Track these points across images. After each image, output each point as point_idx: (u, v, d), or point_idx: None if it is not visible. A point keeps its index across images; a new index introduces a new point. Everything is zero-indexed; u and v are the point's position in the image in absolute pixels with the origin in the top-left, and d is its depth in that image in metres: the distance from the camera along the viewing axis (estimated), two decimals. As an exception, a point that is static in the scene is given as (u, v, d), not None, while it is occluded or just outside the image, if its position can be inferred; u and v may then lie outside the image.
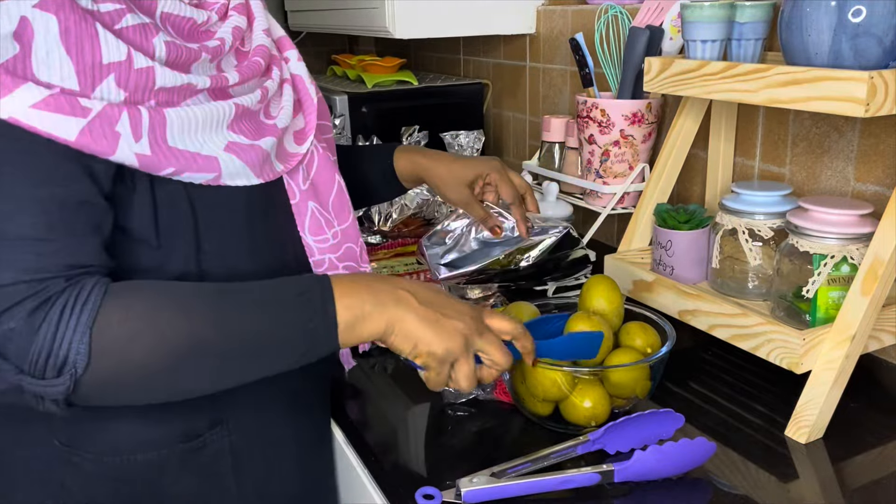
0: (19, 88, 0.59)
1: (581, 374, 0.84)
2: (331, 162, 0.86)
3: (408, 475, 0.81)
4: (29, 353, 0.59)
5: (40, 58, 0.60)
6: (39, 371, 0.59)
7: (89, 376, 0.60)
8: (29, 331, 0.59)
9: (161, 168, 0.66)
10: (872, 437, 0.85)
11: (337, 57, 2.04)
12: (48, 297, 0.60)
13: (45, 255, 0.60)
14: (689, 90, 0.97)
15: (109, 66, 0.62)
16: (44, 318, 0.59)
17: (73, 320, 0.59)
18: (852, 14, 0.79)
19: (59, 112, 0.60)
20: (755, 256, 1.01)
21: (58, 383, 0.60)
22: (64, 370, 0.59)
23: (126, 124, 0.63)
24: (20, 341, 0.59)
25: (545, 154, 1.47)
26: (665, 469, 0.77)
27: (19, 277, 0.59)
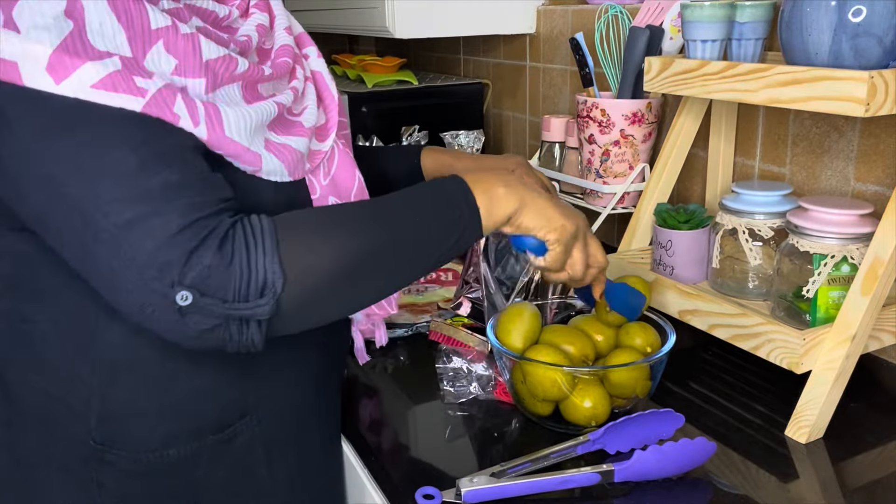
0: (78, 69, 0.60)
1: (581, 374, 0.84)
2: (350, 158, 0.87)
3: (408, 475, 0.81)
4: (229, 283, 0.62)
5: (94, 29, 0.61)
6: (243, 296, 0.62)
7: (288, 294, 0.63)
8: (224, 264, 0.61)
9: (216, 148, 0.67)
10: (872, 437, 0.85)
11: (337, 57, 2.04)
12: (225, 231, 0.63)
13: (197, 195, 0.62)
14: (689, 90, 0.97)
15: (157, 32, 0.64)
16: (232, 251, 0.62)
17: (259, 248, 0.63)
18: (852, 14, 0.79)
19: (117, 91, 0.61)
20: (755, 256, 1.01)
21: (262, 303, 0.62)
22: (265, 291, 0.62)
23: (183, 108, 0.64)
24: (218, 275, 0.61)
25: (545, 154, 1.47)
26: (665, 469, 0.77)
27: (185, 220, 0.61)
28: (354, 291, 0.70)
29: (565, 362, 0.86)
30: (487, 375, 0.97)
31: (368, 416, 0.94)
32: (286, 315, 0.65)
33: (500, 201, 0.75)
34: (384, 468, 0.84)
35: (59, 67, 0.59)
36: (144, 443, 0.75)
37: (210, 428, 0.77)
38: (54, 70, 0.59)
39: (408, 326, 1.13)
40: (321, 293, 0.66)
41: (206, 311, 0.62)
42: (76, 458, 0.75)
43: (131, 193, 0.60)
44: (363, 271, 0.68)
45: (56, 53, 0.59)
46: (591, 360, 0.90)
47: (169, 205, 0.61)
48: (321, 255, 0.65)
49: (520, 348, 0.88)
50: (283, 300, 0.63)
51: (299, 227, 0.66)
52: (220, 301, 0.62)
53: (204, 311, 0.62)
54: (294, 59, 0.81)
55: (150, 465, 0.75)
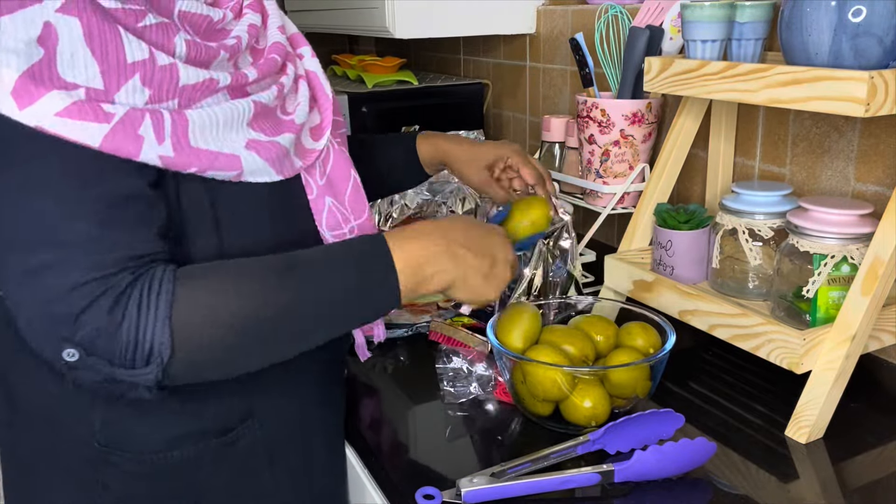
0: (43, 97, 0.59)
1: (581, 374, 0.84)
2: (346, 157, 0.87)
3: (408, 475, 0.81)
4: (116, 348, 0.61)
5: (65, 60, 0.60)
6: (129, 363, 0.62)
7: (176, 362, 0.63)
8: (112, 328, 0.61)
9: (186, 167, 0.67)
10: (872, 437, 0.85)
11: (337, 57, 2.04)
12: (121, 290, 0.62)
13: (105, 252, 0.62)
14: (689, 90, 0.97)
15: (134, 66, 0.63)
16: (123, 315, 0.61)
17: (150, 313, 0.62)
18: (852, 14, 0.79)
19: (83, 119, 0.60)
20: (755, 256, 1.01)
21: (147, 371, 0.62)
22: (151, 359, 0.62)
23: (149, 128, 0.63)
24: (105, 338, 0.61)
25: (545, 154, 1.47)
26: (665, 469, 0.77)
27: (88, 276, 0.61)
28: (247, 360, 0.69)
29: (565, 362, 0.86)
30: (487, 375, 0.97)
31: (368, 416, 0.94)
32: (176, 378, 0.65)
33: (427, 283, 0.75)
34: (384, 468, 0.84)
35: (24, 94, 0.59)
36: (148, 445, 0.75)
37: (213, 431, 0.77)
38: (19, 96, 0.59)
39: (408, 326, 1.13)
40: (213, 357, 0.66)
41: (93, 369, 0.62)
42: (80, 460, 0.75)
43: (43, 241, 0.61)
44: (259, 340, 0.67)
45: (21, 79, 0.59)
46: (591, 360, 0.90)
47: (73, 260, 0.61)
48: (216, 325, 0.64)
49: (520, 348, 0.88)
50: (169, 368, 0.63)
51: (199, 289, 0.65)
52: (106, 363, 0.62)
53: (91, 369, 0.62)
54: (286, 57, 0.81)
55: (153, 467, 0.75)
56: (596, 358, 0.91)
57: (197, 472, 0.77)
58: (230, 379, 0.75)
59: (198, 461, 0.77)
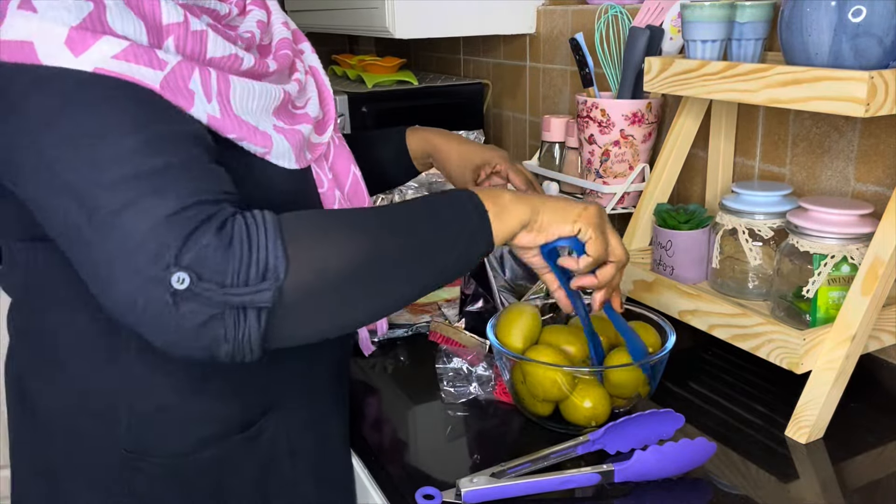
0: (98, 41, 0.59)
1: (581, 374, 0.84)
2: (347, 152, 0.88)
3: (408, 475, 0.81)
4: (229, 265, 0.58)
5: (114, 14, 0.60)
6: (243, 279, 0.58)
7: (290, 283, 0.59)
8: (223, 245, 0.58)
9: (227, 131, 0.66)
10: (872, 437, 0.85)
11: (337, 57, 2.04)
12: (225, 217, 0.59)
13: (199, 179, 0.60)
14: (689, 90, 0.97)
15: (169, 28, 0.63)
16: (233, 233, 0.59)
17: (261, 232, 0.59)
18: (852, 14, 0.79)
19: (139, 62, 0.60)
20: (755, 256, 1.01)
21: (263, 288, 0.58)
22: (267, 275, 0.58)
23: (198, 83, 0.63)
24: (217, 257, 0.58)
25: (545, 154, 1.47)
26: (665, 469, 0.77)
27: (183, 202, 0.58)
28: (360, 293, 0.64)
29: (565, 362, 0.86)
30: (487, 375, 0.97)
31: (368, 416, 0.94)
32: (288, 310, 0.60)
33: (510, 209, 0.72)
34: (384, 468, 0.84)
35: (79, 41, 0.58)
36: (175, 448, 0.75)
37: (237, 427, 0.77)
38: (74, 44, 0.58)
39: (408, 326, 1.13)
40: (326, 289, 0.61)
41: (203, 298, 0.57)
42: (105, 467, 0.75)
43: (129, 174, 0.58)
44: (370, 273, 0.64)
45: (75, 29, 0.59)
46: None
47: (167, 187, 0.58)
48: (327, 249, 0.61)
49: (520, 348, 0.88)
50: (285, 289, 0.59)
51: (304, 222, 0.63)
52: (217, 286, 0.57)
53: (200, 299, 0.57)
54: (293, 53, 0.82)
55: (181, 469, 0.76)
56: (596, 358, 0.91)
57: (223, 470, 0.77)
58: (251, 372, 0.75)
59: (223, 459, 0.77)
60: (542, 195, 0.76)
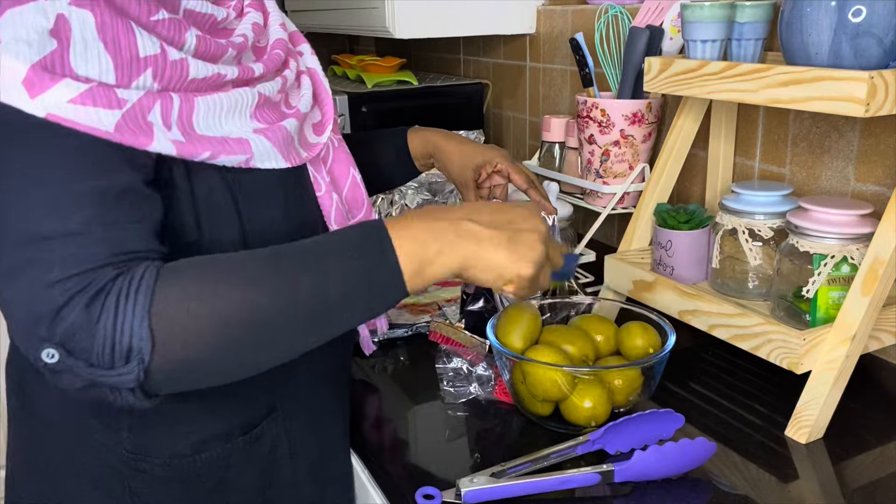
0: (56, 84, 0.58)
1: (581, 374, 0.84)
2: (346, 154, 0.87)
3: (408, 475, 0.81)
4: (93, 345, 0.57)
5: (78, 52, 0.60)
6: (108, 362, 0.58)
7: (157, 361, 0.58)
8: (89, 323, 0.57)
9: (197, 153, 0.66)
10: (872, 437, 0.85)
11: (337, 57, 2.04)
12: (101, 286, 0.58)
13: (89, 247, 0.59)
14: (689, 90, 0.97)
15: (146, 60, 0.63)
16: (101, 309, 0.58)
17: (129, 307, 0.58)
18: (852, 14, 0.79)
19: (97, 105, 0.59)
20: (755, 256, 1.01)
21: (127, 371, 0.58)
22: (131, 357, 0.58)
23: (157, 113, 0.63)
24: (82, 335, 0.57)
25: (545, 154, 1.47)
26: (665, 469, 0.77)
27: (69, 272, 0.58)
28: (240, 354, 0.62)
29: (565, 362, 0.86)
30: (487, 375, 0.97)
31: (369, 417, 0.94)
32: (160, 382, 0.60)
33: (433, 264, 0.65)
34: (384, 468, 0.84)
35: (37, 83, 0.58)
36: (177, 449, 0.75)
37: (240, 429, 0.77)
38: (31, 85, 0.58)
39: (408, 326, 1.13)
40: (198, 358, 0.60)
41: (73, 372, 0.58)
42: (106, 468, 0.75)
43: (28, 237, 0.58)
44: (247, 341, 0.61)
45: (34, 69, 0.58)
46: (591, 360, 0.90)
47: (54, 255, 0.58)
48: (199, 319, 0.59)
49: (520, 348, 0.88)
50: (152, 369, 0.58)
51: (180, 283, 0.60)
52: (84, 364, 0.58)
53: (71, 372, 0.58)
54: (287, 53, 0.82)
55: (182, 471, 0.75)
56: (596, 358, 0.91)
57: (225, 471, 0.77)
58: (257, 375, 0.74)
59: (225, 461, 0.77)
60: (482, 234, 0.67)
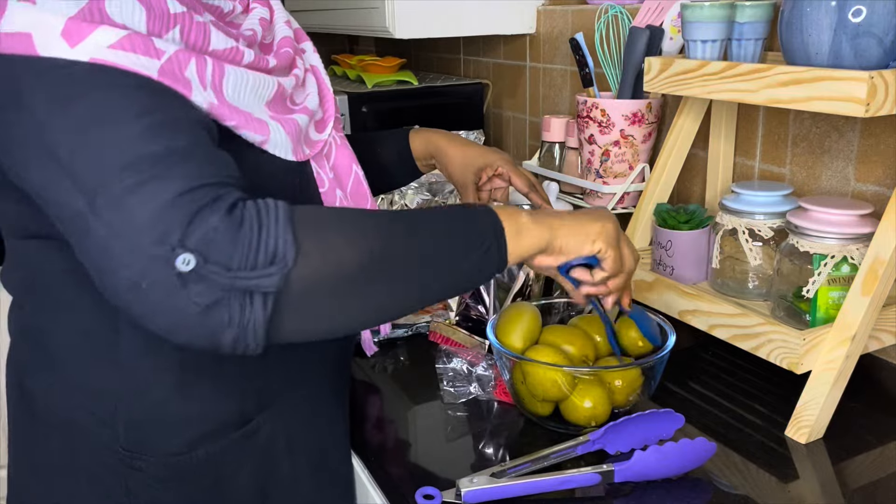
0: (94, 31, 0.59)
1: (581, 374, 0.84)
2: (348, 151, 0.87)
3: (408, 475, 0.81)
4: (237, 247, 0.57)
5: (114, 2, 0.60)
6: (251, 263, 0.57)
7: (298, 270, 0.58)
8: (233, 226, 0.57)
9: (226, 119, 0.66)
10: (872, 437, 0.85)
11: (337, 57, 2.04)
12: (235, 199, 0.59)
13: (205, 162, 0.59)
14: (689, 90, 0.97)
15: (176, 17, 0.63)
16: (243, 216, 0.58)
17: (272, 217, 0.59)
18: (852, 14, 0.79)
19: (136, 51, 0.60)
20: (755, 256, 1.01)
21: (271, 272, 0.57)
22: (276, 260, 0.57)
23: (193, 71, 0.63)
24: (225, 238, 0.57)
25: (545, 154, 1.47)
26: (665, 469, 0.77)
27: (192, 184, 0.57)
28: (367, 291, 0.63)
29: (565, 362, 0.86)
30: (487, 375, 0.97)
31: (369, 417, 0.94)
32: (294, 298, 0.59)
33: (528, 230, 0.71)
34: (384, 468, 0.84)
35: (75, 32, 0.58)
36: (173, 446, 0.75)
37: (234, 424, 0.77)
38: (69, 35, 0.58)
39: (408, 326, 1.13)
40: (334, 281, 0.60)
41: (209, 280, 0.56)
42: (104, 466, 0.75)
43: (133, 159, 0.57)
44: (379, 271, 0.63)
45: (72, 20, 0.58)
46: (591, 360, 0.90)
47: (172, 169, 0.57)
48: (338, 242, 0.61)
49: (520, 348, 0.88)
50: (292, 277, 0.58)
51: (317, 214, 0.63)
52: (224, 269, 0.56)
53: (206, 281, 0.56)
54: (294, 51, 0.82)
55: (178, 468, 0.75)
56: (596, 358, 0.91)
57: (221, 468, 0.77)
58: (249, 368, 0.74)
59: (221, 457, 0.77)
60: (557, 213, 0.75)
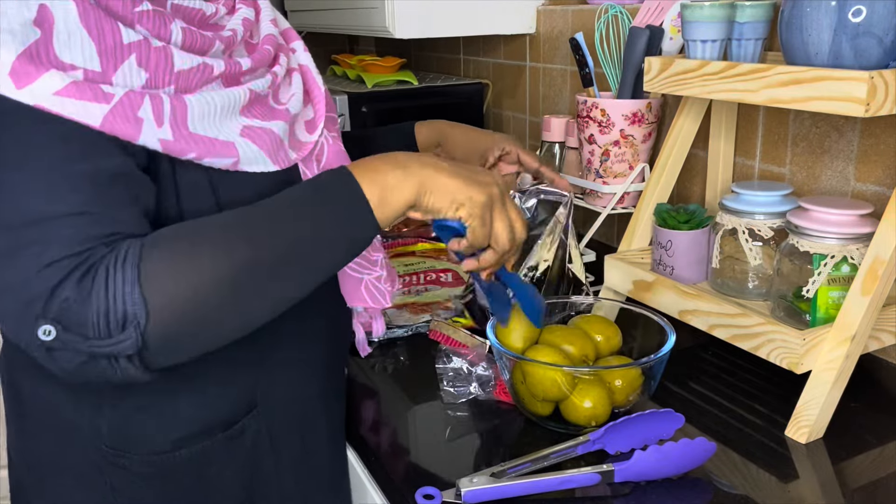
0: (42, 76, 0.59)
1: (581, 374, 0.84)
2: (340, 150, 0.87)
3: (408, 475, 0.81)
4: (88, 317, 0.59)
5: (62, 41, 0.60)
6: (104, 331, 0.59)
7: (153, 326, 0.60)
8: (82, 296, 0.59)
9: (184, 153, 0.66)
10: (872, 437, 0.85)
11: (337, 57, 2.04)
12: (92, 263, 0.60)
13: (84, 227, 0.60)
14: (689, 90, 0.97)
15: (130, 46, 0.63)
16: (92, 282, 0.59)
17: (118, 276, 0.59)
18: (852, 14, 0.79)
19: (82, 98, 0.60)
20: (755, 256, 1.01)
21: (125, 338, 0.59)
22: (127, 324, 0.59)
23: (148, 110, 0.63)
24: (76, 308, 0.59)
25: (545, 154, 1.47)
26: (665, 469, 0.77)
27: (64, 252, 0.59)
28: (230, 317, 0.64)
29: (565, 362, 0.86)
30: (487, 375, 0.97)
31: (368, 416, 0.94)
32: (157, 349, 0.61)
33: (395, 190, 0.68)
34: (384, 468, 0.84)
35: (22, 73, 0.59)
36: (157, 445, 0.75)
37: (220, 425, 0.77)
38: (17, 75, 0.59)
39: (408, 327, 1.13)
40: (193, 319, 0.61)
41: (71, 347, 0.59)
42: (89, 464, 0.75)
43: (21, 219, 0.59)
44: (235, 293, 0.63)
45: (19, 59, 0.59)
46: (591, 360, 0.90)
47: (52, 235, 0.59)
48: (189, 279, 0.61)
49: (520, 348, 0.88)
50: (148, 332, 0.60)
51: (165, 249, 0.62)
52: (81, 338, 0.59)
53: (69, 348, 0.59)
54: (278, 49, 0.82)
55: (163, 467, 0.76)
56: (596, 358, 0.91)
57: (205, 468, 0.77)
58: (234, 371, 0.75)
59: (206, 457, 0.77)
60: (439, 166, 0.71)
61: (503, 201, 0.74)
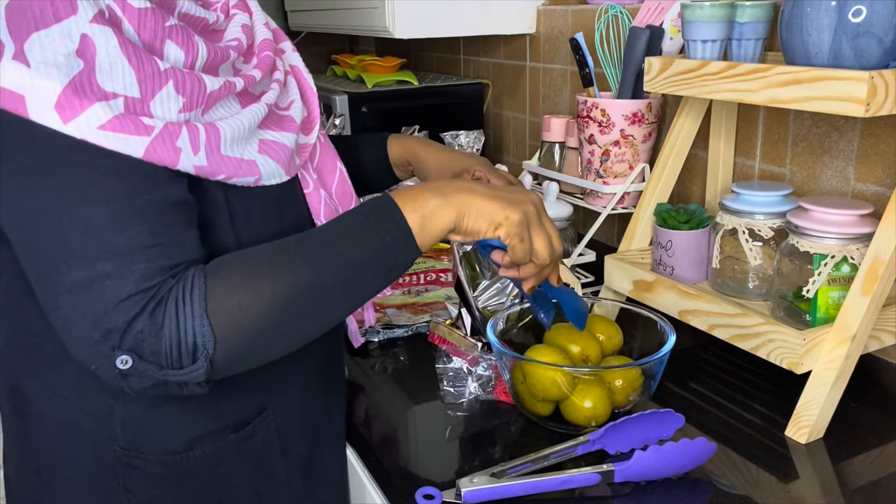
0: (85, 110, 0.60)
1: (581, 374, 0.84)
2: (331, 149, 0.88)
3: (408, 475, 0.81)
4: (161, 348, 0.63)
5: (104, 70, 0.61)
6: (176, 362, 0.63)
7: (220, 353, 0.64)
8: (155, 329, 0.62)
9: (214, 175, 0.68)
10: (872, 437, 0.85)
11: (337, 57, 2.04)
12: (162, 297, 0.63)
13: (155, 260, 0.63)
14: (689, 90, 0.97)
15: (166, 73, 0.64)
16: (163, 316, 0.63)
17: (187, 309, 0.63)
18: (852, 14, 0.79)
19: (124, 131, 0.61)
20: (755, 256, 1.01)
21: (196, 368, 0.64)
22: (197, 355, 0.63)
23: (186, 140, 0.65)
24: (150, 340, 0.62)
25: (545, 154, 1.47)
26: (665, 469, 0.77)
27: (137, 287, 0.62)
28: (290, 336, 0.69)
29: (566, 362, 0.86)
30: (487, 375, 0.97)
31: (368, 416, 0.94)
32: (226, 369, 0.66)
33: (435, 216, 0.71)
34: (384, 468, 0.84)
35: (68, 107, 0.60)
36: (169, 446, 0.75)
37: (231, 426, 0.78)
38: (62, 109, 0.60)
39: (408, 327, 1.13)
40: (256, 341, 0.66)
41: (146, 375, 0.63)
42: (101, 466, 0.75)
43: (95, 251, 0.61)
44: (294, 316, 0.67)
45: (65, 92, 0.60)
46: (592, 360, 0.90)
47: (127, 269, 0.62)
48: (251, 307, 0.65)
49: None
50: (216, 359, 0.64)
51: (228, 279, 0.66)
52: (156, 367, 0.63)
53: (144, 374, 0.63)
54: (274, 53, 0.82)
55: (176, 468, 0.76)
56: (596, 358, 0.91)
57: (217, 469, 0.78)
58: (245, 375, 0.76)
59: (217, 458, 0.77)
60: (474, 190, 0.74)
61: (540, 218, 0.76)
